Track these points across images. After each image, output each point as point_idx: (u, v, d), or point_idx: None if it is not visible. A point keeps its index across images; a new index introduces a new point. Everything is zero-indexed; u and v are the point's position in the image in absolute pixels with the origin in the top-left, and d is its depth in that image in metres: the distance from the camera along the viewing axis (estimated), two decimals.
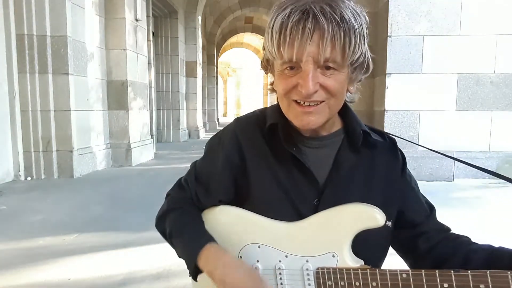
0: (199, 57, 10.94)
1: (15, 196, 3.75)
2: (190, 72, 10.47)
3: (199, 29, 10.78)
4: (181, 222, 0.82)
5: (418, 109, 4.51)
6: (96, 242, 2.44)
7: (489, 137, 4.49)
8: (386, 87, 4.51)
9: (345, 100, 0.80)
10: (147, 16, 6.65)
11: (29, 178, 4.49)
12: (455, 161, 4.45)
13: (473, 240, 0.80)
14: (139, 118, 6.06)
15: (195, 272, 0.76)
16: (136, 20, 5.90)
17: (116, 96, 5.61)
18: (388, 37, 4.45)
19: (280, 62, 0.71)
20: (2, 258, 2.19)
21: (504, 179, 0.74)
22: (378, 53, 4.91)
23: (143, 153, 6.11)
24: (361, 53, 0.71)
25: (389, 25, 4.44)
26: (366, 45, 0.72)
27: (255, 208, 0.79)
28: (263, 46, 0.76)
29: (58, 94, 4.47)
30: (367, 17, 0.72)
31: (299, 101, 0.72)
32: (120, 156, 5.64)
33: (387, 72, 4.48)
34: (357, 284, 0.68)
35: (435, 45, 4.41)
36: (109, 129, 5.65)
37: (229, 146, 0.83)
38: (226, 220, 0.82)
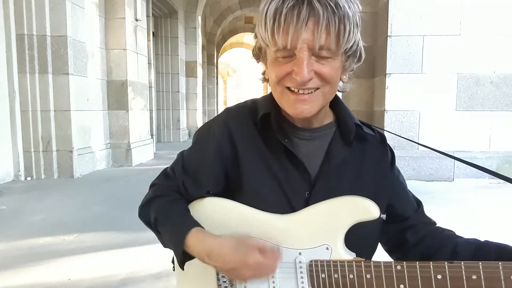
0: (199, 57, 10.94)
1: (15, 196, 3.75)
2: (190, 72, 10.47)
3: (199, 29, 10.78)
4: (167, 208, 0.79)
5: (418, 109, 4.51)
6: (96, 242, 2.44)
7: (489, 137, 4.49)
8: (386, 87, 4.51)
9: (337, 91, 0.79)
10: (147, 16, 6.65)
11: (29, 178, 4.49)
12: (455, 162, 4.45)
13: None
14: (139, 118, 6.06)
15: (182, 259, 0.74)
16: (136, 20, 5.90)
17: (116, 96, 5.61)
18: (388, 37, 4.45)
19: (273, 49, 0.69)
20: (2, 258, 2.19)
21: (503, 179, 0.74)
22: (378, 53, 4.92)
23: (143, 153, 6.11)
24: (354, 41, 0.70)
25: (389, 25, 4.43)
26: (359, 34, 0.71)
27: (246, 200, 0.77)
28: (255, 34, 0.74)
29: (58, 94, 4.47)
30: (360, 6, 0.70)
31: (292, 89, 0.70)
32: (120, 156, 5.65)
33: (387, 72, 4.48)
34: (351, 276, 0.67)
35: (435, 45, 4.41)
36: (109, 129, 5.65)
37: (220, 136, 0.80)
38: (215, 212, 0.80)
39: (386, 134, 0.90)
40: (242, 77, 29.49)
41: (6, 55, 4.30)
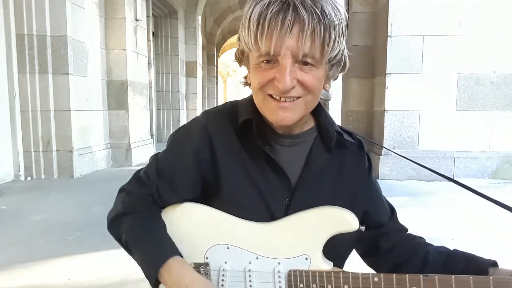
0: (199, 57, 10.93)
1: (15, 196, 3.75)
2: (190, 72, 10.46)
3: (199, 29, 10.77)
4: (139, 229, 0.75)
5: (418, 109, 4.51)
6: (96, 242, 2.44)
7: (489, 137, 4.49)
8: (386, 87, 4.51)
9: (320, 98, 0.77)
10: (147, 16, 6.65)
11: (29, 178, 4.49)
12: (455, 162, 4.45)
13: (475, 240, 0.82)
14: (139, 118, 6.06)
15: (155, 284, 0.72)
16: (136, 20, 5.90)
17: (116, 96, 5.61)
18: (388, 37, 4.45)
19: (256, 55, 0.67)
20: (2, 258, 2.19)
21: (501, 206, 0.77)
22: (378, 53, 4.92)
23: (143, 153, 6.11)
24: (339, 50, 0.68)
25: (389, 25, 4.43)
26: (344, 42, 0.70)
27: (224, 206, 0.75)
28: (238, 37, 0.73)
29: (58, 94, 4.47)
30: (346, 14, 0.70)
31: (274, 96, 0.68)
32: (120, 156, 5.64)
33: (387, 72, 4.48)
34: (329, 287, 0.69)
35: (435, 45, 4.41)
36: (109, 129, 5.65)
37: (198, 140, 0.77)
38: (192, 219, 0.77)
39: (386, 131, 0.91)
40: (242, 77, 29.46)
41: (6, 55, 4.30)
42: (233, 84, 30.28)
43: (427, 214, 3.03)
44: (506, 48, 4.37)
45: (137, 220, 0.77)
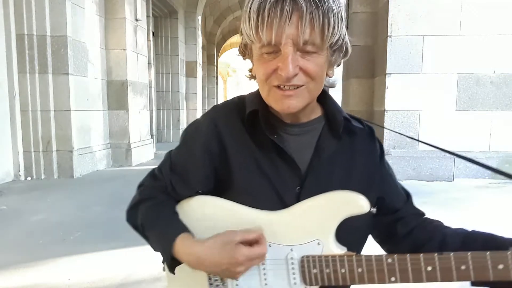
0: (199, 57, 10.93)
1: (15, 196, 3.75)
2: (190, 72, 10.46)
3: (199, 29, 10.77)
4: (154, 212, 0.78)
5: (418, 109, 4.51)
6: (96, 242, 2.44)
7: (489, 137, 4.49)
8: (386, 87, 4.51)
9: (324, 86, 0.79)
10: (147, 16, 6.66)
11: (29, 178, 4.49)
12: (455, 162, 4.45)
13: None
14: (139, 118, 6.06)
15: (172, 264, 0.74)
16: (136, 20, 5.90)
17: (116, 96, 5.62)
18: (388, 37, 4.45)
19: (258, 46, 0.69)
20: (2, 258, 2.19)
21: (504, 175, 0.74)
22: (378, 53, 4.92)
23: (143, 153, 6.11)
24: (339, 36, 0.70)
25: (389, 25, 4.44)
26: (344, 28, 0.71)
27: (236, 197, 0.76)
28: (241, 31, 0.74)
29: (58, 94, 4.47)
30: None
31: (279, 86, 0.70)
32: (120, 156, 5.65)
33: (387, 72, 4.48)
34: (343, 271, 0.68)
35: (435, 45, 4.41)
36: (109, 129, 5.66)
37: (207, 134, 0.80)
38: (205, 211, 0.79)
39: (386, 131, 0.89)
40: (242, 77, 29.48)
41: (6, 55, 4.30)
42: (233, 84, 30.28)
43: (426, 214, 3.01)
44: (506, 48, 4.37)
45: (151, 205, 0.80)
